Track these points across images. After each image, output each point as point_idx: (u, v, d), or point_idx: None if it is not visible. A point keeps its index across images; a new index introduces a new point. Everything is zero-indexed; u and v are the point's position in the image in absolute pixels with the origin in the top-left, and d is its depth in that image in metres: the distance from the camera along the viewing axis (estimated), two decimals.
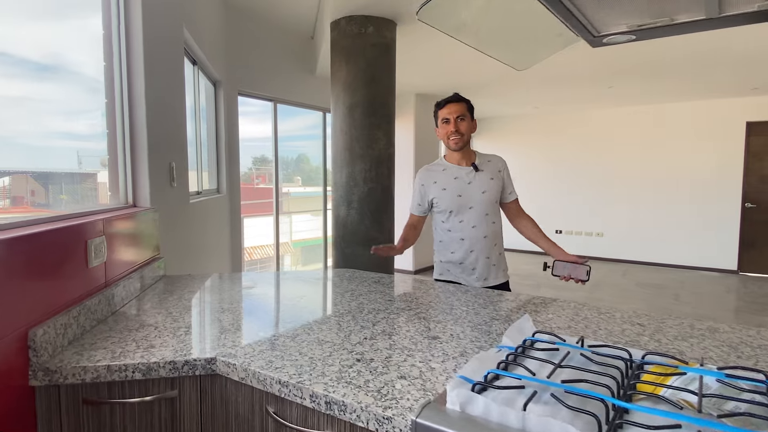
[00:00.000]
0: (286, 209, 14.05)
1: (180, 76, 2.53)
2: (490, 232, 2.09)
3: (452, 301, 1.58)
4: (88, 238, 1.32)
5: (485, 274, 2.09)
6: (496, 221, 2.12)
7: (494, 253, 2.10)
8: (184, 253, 2.57)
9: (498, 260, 2.12)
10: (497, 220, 2.13)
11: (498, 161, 2.18)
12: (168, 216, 2.25)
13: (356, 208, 3.49)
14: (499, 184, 2.12)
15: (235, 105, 4.38)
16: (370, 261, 3.52)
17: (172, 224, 2.31)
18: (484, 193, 2.08)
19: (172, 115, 2.35)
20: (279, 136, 5.42)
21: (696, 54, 4.53)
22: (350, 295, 1.65)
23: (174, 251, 2.33)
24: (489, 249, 2.09)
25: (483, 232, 2.08)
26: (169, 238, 2.28)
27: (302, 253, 11.86)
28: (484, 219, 2.08)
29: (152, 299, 1.59)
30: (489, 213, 2.09)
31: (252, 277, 2.00)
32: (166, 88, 2.25)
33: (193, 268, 2.84)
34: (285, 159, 11.04)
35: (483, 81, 5.84)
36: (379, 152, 3.49)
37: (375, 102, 3.44)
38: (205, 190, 3.66)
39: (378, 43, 3.41)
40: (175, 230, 2.38)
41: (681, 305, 5.14)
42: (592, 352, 0.99)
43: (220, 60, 4.05)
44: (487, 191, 2.09)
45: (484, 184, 2.09)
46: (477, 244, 2.08)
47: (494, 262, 2.10)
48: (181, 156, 2.51)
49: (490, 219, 2.09)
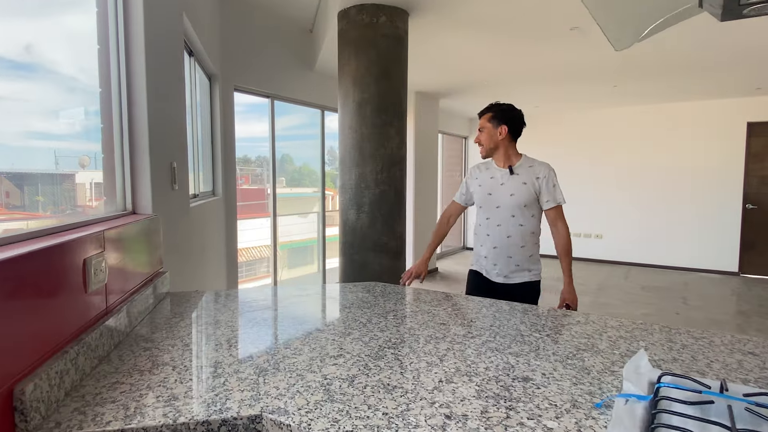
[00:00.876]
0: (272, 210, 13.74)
1: (180, 67, 2.26)
2: (514, 233, 2.19)
3: (515, 324, 1.36)
4: (85, 255, 1.06)
5: (506, 271, 2.21)
6: (525, 224, 2.20)
7: (519, 254, 2.19)
8: (185, 264, 2.30)
9: (523, 261, 2.20)
10: (527, 223, 2.20)
11: (541, 169, 2.22)
12: (170, 223, 1.98)
13: (367, 212, 3.25)
14: (532, 190, 2.18)
15: (230, 101, 4.10)
16: (382, 268, 3.29)
17: (173, 232, 2.05)
18: (512, 195, 2.19)
19: (173, 109, 2.08)
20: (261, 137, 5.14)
21: (703, 52, 4.41)
22: (393, 317, 1.41)
23: (176, 263, 2.07)
24: (513, 249, 2.19)
25: (507, 232, 2.20)
26: (171, 248, 2.01)
27: (288, 256, 11.56)
28: (509, 220, 2.19)
29: (160, 325, 1.34)
30: (515, 215, 2.19)
31: (267, 293, 1.75)
32: (167, 78, 1.98)
33: (194, 280, 2.57)
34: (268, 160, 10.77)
35: (484, 79, 5.65)
36: (392, 152, 3.25)
37: (387, 98, 3.21)
38: (201, 192, 3.38)
39: (390, 34, 3.18)
40: (176, 239, 2.11)
41: (691, 310, 5.02)
42: (756, 404, 0.78)
43: (216, 53, 3.77)
44: (515, 194, 2.19)
45: (514, 188, 2.19)
46: (500, 242, 2.21)
47: (518, 263, 2.20)
48: (182, 155, 2.24)
49: (517, 221, 2.19)
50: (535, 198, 2.19)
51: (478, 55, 4.57)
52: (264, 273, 10.72)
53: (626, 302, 5.29)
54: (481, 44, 4.21)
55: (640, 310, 4.99)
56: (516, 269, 2.21)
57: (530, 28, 3.80)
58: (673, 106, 7.18)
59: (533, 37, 4.00)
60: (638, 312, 4.90)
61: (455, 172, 9.02)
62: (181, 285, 2.13)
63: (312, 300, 1.66)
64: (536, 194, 2.19)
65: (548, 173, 2.20)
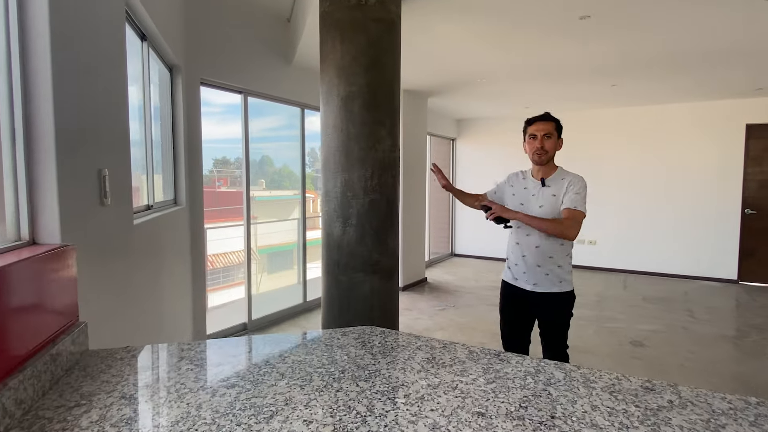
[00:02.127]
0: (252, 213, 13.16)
1: (118, 42, 1.76)
2: (543, 243, 2.24)
3: (584, 408, 0.91)
4: None
5: (534, 279, 2.28)
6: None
7: (548, 264, 2.24)
8: (125, 302, 1.79)
9: (552, 271, 2.24)
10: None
11: (572, 180, 2.22)
12: (96, 252, 1.48)
13: (355, 225, 2.78)
14: (561, 201, 2.20)
15: (196, 96, 3.58)
16: (373, 291, 2.83)
17: (102, 263, 1.55)
18: (541, 207, 2.25)
19: (104, 98, 1.58)
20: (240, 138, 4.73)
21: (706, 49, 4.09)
22: (404, 397, 0.95)
23: (105, 305, 1.56)
24: (541, 259, 2.25)
25: (536, 242, 2.26)
26: (101, 284, 1.51)
27: (268, 260, 11.00)
28: (538, 230, 2.22)
29: (57, 417, 0.85)
30: None
31: (229, 351, 1.26)
32: (94, 45, 1.49)
33: (139, 322, 2.05)
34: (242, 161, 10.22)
35: (478, 76, 5.24)
36: (383, 155, 2.80)
37: (378, 92, 2.75)
38: (157, 202, 2.86)
39: (382, 18, 2.72)
40: (107, 271, 1.60)
41: (700, 324, 4.69)
42: None
43: (179, 41, 3.25)
44: (544, 206, 2.24)
45: (544, 200, 2.25)
46: (528, 251, 2.28)
47: (546, 272, 2.25)
48: (120, 159, 1.74)
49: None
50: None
51: (475, 48, 4.15)
52: (241, 279, 10.14)
53: (631, 316, 4.93)
54: (479, 35, 3.79)
55: (646, 325, 4.64)
56: (544, 279, 2.25)
57: (536, 17, 3.40)
58: (669, 107, 6.91)
59: (538, 27, 3.59)
60: (645, 327, 4.54)
61: None
62: (115, 335, 1.63)
63: (289, 365, 1.18)
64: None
65: (576, 183, 2.21)
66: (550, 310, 2.30)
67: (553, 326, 2.32)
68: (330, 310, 2.92)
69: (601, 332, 4.41)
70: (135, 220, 2.05)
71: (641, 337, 4.29)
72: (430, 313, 5.01)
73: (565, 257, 2.25)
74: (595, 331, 4.45)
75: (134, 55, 2.54)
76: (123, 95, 1.82)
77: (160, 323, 2.54)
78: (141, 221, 2.12)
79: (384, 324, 2.89)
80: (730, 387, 3.27)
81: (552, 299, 2.26)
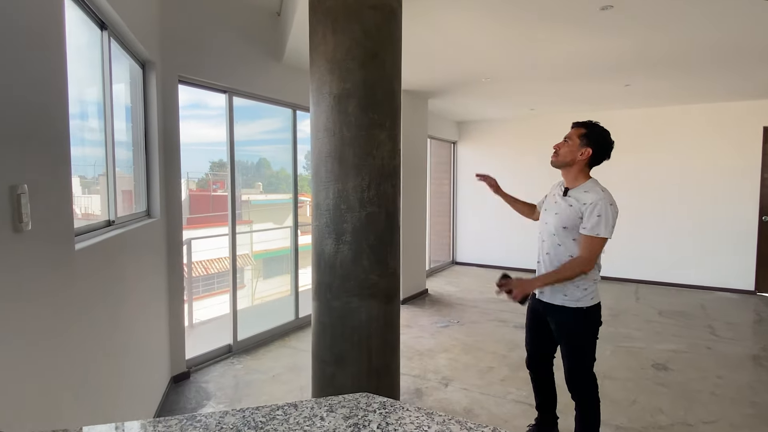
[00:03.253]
0: (247, 218, 12.72)
1: (55, 22, 1.40)
2: (552, 251, 2.25)
3: None
4: None
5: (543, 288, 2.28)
6: (563, 246, 2.20)
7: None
8: (60, 358, 1.41)
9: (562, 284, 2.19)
10: (567, 245, 2.19)
11: (592, 197, 2.15)
12: (5, 297, 1.11)
13: (349, 242, 2.42)
14: (576, 214, 2.16)
15: (173, 94, 3.22)
16: (370, 317, 2.47)
17: (14, 311, 1.17)
18: (556, 214, 2.25)
19: (29, 91, 1.22)
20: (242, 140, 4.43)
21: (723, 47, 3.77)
22: None
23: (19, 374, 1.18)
24: (550, 267, 2.25)
25: (547, 248, 2.29)
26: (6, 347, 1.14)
27: (264, 266, 10.61)
28: (551, 238, 2.26)
29: None
30: (556, 234, 2.23)
31: None
32: (13, 35, 1.12)
33: (91, 382, 1.66)
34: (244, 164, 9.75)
35: (482, 75, 4.90)
36: (383, 162, 2.44)
37: (377, 89, 2.39)
38: (124, 216, 2.49)
39: (380, 5, 2.37)
40: (31, 320, 1.23)
41: (724, 342, 4.34)
42: None
43: (152, 34, 2.89)
44: (559, 213, 2.24)
45: (561, 209, 2.24)
46: (542, 258, 2.32)
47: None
48: (53, 170, 1.38)
49: (556, 240, 2.23)
50: (577, 223, 2.16)
51: (482, 43, 3.80)
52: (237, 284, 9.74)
53: (648, 334, 4.58)
54: (488, 28, 3.44)
55: (667, 344, 4.28)
56: (552, 290, 2.24)
57: (551, 8, 3.05)
58: (682, 108, 6.57)
59: (552, 18, 3.25)
60: (666, 347, 4.19)
61: (444, 180, 8.25)
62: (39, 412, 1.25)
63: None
64: (579, 219, 2.15)
65: (598, 201, 2.11)
66: (555, 323, 2.28)
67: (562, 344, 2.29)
68: (321, 339, 2.55)
69: (618, 353, 4.05)
70: (81, 243, 1.69)
71: (663, 358, 3.93)
72: (431, 331, 4.64)
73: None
74: (612, 351, 4.09)
75: (93, 47, 2.18)
76: (61, 89, 1.46)
77: (118, 374, 2.17)
78: (89, 244, 1.75)
79: (384, 357, 2.53)
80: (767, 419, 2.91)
81: (558, 312, 2.24)
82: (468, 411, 3.01)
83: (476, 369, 3.67)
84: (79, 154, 2.15)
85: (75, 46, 2.03)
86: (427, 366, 3.75)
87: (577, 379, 2.25)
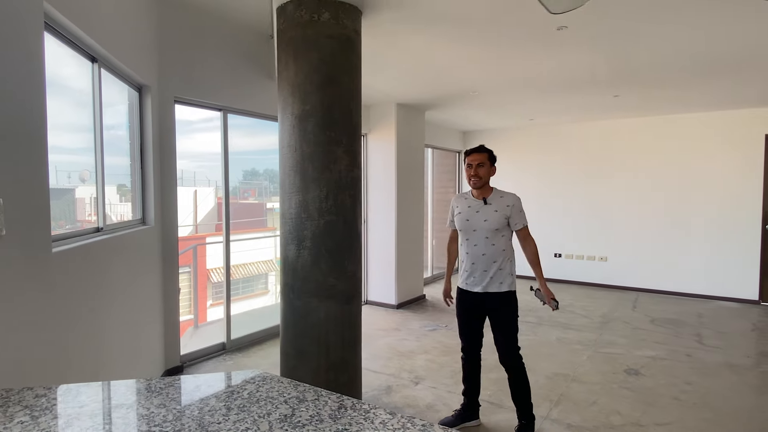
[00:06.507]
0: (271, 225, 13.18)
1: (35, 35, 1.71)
2: (488, 251, 2.69)
3: None
4: None
5: (481, 282, 2.71)
6: (497, 244, 2.69)
7: (492, 268, 2.69)
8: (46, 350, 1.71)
9: (497, 275, 2.69)
10: (498, 243, 2.69)
11: (510, 198, 2.72)
12: None
13: (309, 248, 2.68)
14: (504, 215, 2.68)
15: (170, 114, 3.57)
16: (329, 316, 2.71)
17: None
18: (486, 221, 2.70)
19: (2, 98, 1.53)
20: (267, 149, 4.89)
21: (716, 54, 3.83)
22: None
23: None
24: (487, 264, 2.69)
25: (482, 250, 2.70)
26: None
27: None
28: (483, 241, 2.70)
29: None
30: (488, 237, 2.69)
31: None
32: None
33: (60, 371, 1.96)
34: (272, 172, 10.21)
35: (469, 89, 5.10)
36: (339, 175, 2.69)
37: (333, 110, 2.66)
38: (114, 224, 2.83)
39: (336, 35, 2.64)
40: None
41: (706, 351, 4.36)
42: None
43: (147, 61, 3.25)
44: (488, 220, 2.69)
45: (488, 215, 2.70)
46: (477, 259, 2.71)
47: (491, 275, 2.69)
48: (28, 176, 1.68)
49: (490, 242, 2.69)
50: (506, 222, 2.69)
51: (454, 62, 4.02)
52: (262, 290, 10.14)
53: (633, 341, 4.64)
54: (454, 49, 3.66)
55: (647, 350, 4.35)
56: (490, 281, 2.69)
57: (509, 29, 3.26)
58: (681, 117, 6.58)
59: (514, 39, 3.45)
60: (646, 354, 4.26)
61: (449, 188, 8.44)
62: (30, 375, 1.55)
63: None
64: (506, 219, 2.68)
65: (516, 202, 2.72)
66: (495, 306, 2.72)
67: (500, 324, 2.72)
68: (285, 335, 2.82)
69: (595, 358, 4.15)
70: (60, 247, 2.01)
71: (639, 364, 4.01)
72: (418, 334, 4.84)
73: (505, 261, 2.71)
74: (589, 356, 4.19)
75: (81, 75, 2.52)
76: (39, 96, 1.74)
77: (99, 356, 2.48)
78: (68, 248, 2.07)
79: (343, 352, 2.77)
80: (723, 425, 2.99)
81: (496, 298, 2.70)
82: (430, 407, 3.20)
83: (450, 369, 3.85)
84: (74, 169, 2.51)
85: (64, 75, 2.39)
86: (403, 366, 3.95)
87: (512, 351, 2.70)
